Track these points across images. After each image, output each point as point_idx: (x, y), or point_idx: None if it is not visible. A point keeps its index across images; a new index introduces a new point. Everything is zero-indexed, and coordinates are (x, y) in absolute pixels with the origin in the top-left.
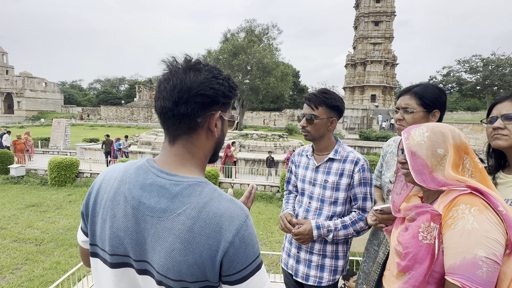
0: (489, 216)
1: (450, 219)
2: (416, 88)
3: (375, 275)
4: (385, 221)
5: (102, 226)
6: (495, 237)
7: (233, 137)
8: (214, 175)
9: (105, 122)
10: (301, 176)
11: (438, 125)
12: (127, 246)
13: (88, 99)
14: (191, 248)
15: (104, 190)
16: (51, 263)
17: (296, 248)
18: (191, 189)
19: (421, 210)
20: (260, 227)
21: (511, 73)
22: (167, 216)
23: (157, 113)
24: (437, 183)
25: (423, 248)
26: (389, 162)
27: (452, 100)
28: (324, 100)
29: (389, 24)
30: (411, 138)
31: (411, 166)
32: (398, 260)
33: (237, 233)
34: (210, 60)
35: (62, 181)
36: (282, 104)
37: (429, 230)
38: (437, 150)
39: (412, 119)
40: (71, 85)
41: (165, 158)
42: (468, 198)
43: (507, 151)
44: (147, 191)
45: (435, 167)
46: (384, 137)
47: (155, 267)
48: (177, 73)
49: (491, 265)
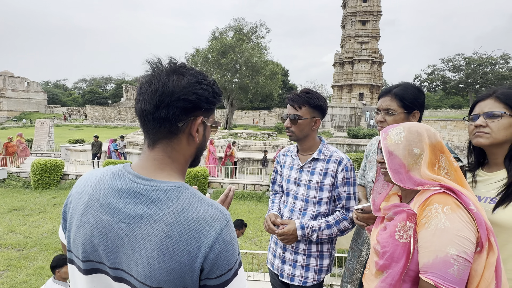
0: (460, 215)
1: (424, 218)
2: (396, 89)
3: (358, 274)
4: (365, 220)
5: (76, 233)
6: (466, 235)
7: (223, 136)
8: (203, 174)
9: (91, 123)
10: (286, 176)
11: (414, 124)
12: (101, 253)
13: (73, 99)
14: (170, 255)
15: (80, 195)
16: (35, 269)
17: (282, 249)
18: (168, 194)
19: (398, 209)
20: (250, 226)
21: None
22: (144, 222)
23: (137, 116)
24: (413, 182)
25: (399, 247)
26: (372, 162)
27: (437, 98)
28: (307, 100)
29: (375, 23)
30: (389, 138)
31: (389, 166)
32: (376, 259)
33: (218, 238)
34: (199, 59)
35: (46, 183)
36: (272, 103)
37: (405, 229)
38: (413, 150)
39: (393, 121)
40: (55, 84)
41: (143, 163)
42: (441, 197)
43: (487, 149)
44: (123, 197)
45: (411, 167)
46: (372, 135)
47: (133, 274)
48: (160, 76)
49: (462, 263)
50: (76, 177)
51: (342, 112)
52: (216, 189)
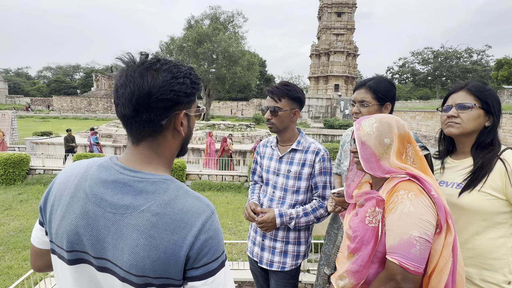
0: (423, 200)
1: (391, 203)
2: (370, 82)
3: (334, 257)
4: (341, 204)
5: (59, 223)
6: (427, 218)
7: (200, 128)
8: (181, 167)
9: (59, 114)
10: (266, 166)
11: (385, 116)
12: (86, 243)
13: (38, 88)
14: (155, 244)
15: (65, 186)
16: (2, 268)
17: (261, 236)
18: (155, 186)
19: (368, 196)
20: (229, 216)
21: (457, 65)
22: (131, 212)
23: (119, 118)
24: (383, 171)
25: (369, 231)
26: (346, 151)
27: (407, 89)
28: (286, 92)
29: (350, 15)
30: (362, 129)
31: (361, 155)
32: (348, 242)
33: (203, 227)
34: (174, 47)
35: (10, 179)
36: (249, 93)
37: (374, 214)
38: (383, 140)
39: (368, 112)
40: (16, 73)
41: (129, 156)
42: (406, 184)
43: (457, 138)
44: (110, 188)
45: (382, 156)
46: (346, 125)
47: (118, 264)
48: (133, 77)
49: (423, 244)
50: (44, 171)
51: (318, 103)
52: (194, 180)
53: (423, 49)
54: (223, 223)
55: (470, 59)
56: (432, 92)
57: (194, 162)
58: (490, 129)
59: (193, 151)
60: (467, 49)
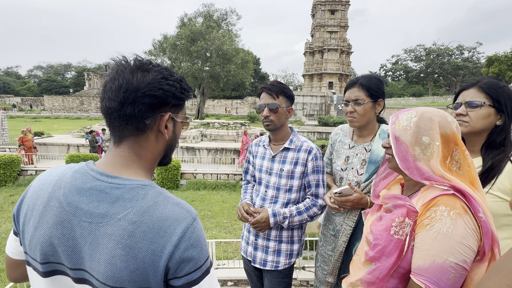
0: (467, 221)
1: (427, 219)
2: (361, 80)
3: (337, 264)
4: (342, 204)
5: (33, 234)
6: (469, 243)
7: (194, 126)
8: (176, 166)
9: (51, 114)
10: (258, 166)
11: (428, 110)
12: (61, 254)
13: (28, 88)
14: (133, 254)
15: (38, 195)
16: None
17: (254, 236)
18: (133, 193)
19: (398, 202)
20: (224, 215)
21: (449, 62)
22: (107, 221)
23: (103, 114)
24: (421, 175)
25: (392, 242)
26: (338, 151)
27: (400, 86)
28: (282, 90)
29: (344, 13)
30: (397, 123)
31: (395, 152)
32: (367, 248)
33: (183, 236)
34: (167, 46)
35: (1, 180)
36: (244, 91)
37: (403, 225)
38: (422, 138)
39: (363, 110)
40: (6, 72)
41: (108, 160)
42: (449, 200)
43: (466, 137)
44: (85, 195)
45: (418, 156)
46: (341, 123)
47: (94, 275)
48: (124, 72)
49: (459, 271)
50: (36, 172)
51: (312, 101)
52: (189, 180)
53: (416, 46)
54: (218, 222)
55: (462, 56)
56: (425, 89)
57: (189, 161)
58: (501, 128)
59: (188, 150)
60: (458, 46)
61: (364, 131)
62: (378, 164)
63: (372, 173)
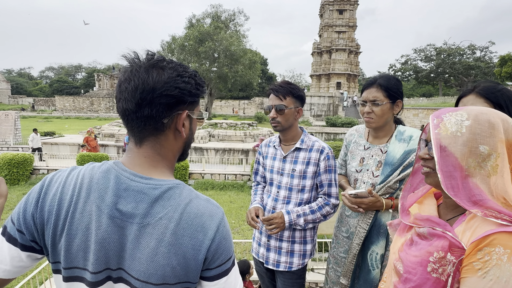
0: None
1: (479, 262)
2: (380, 80)
3: (351, 266)
4: (358, 204)
5: (69, 242)
6: None
7: (202, 127)
8: (184, 166)
9: (62, 114)
10: (269, 166)
11: (483, 110)
12: (110, 259)
13: (40, 88)
14: (175, 251)
15: (64, 200)
16: None
17: (266, 237)
18: (170, 192)
19: (436, 232)
20: (232, 216)
21: (460, 61)
22: (149, 221)
23: (120, 115)
24: (469, 197)
25: (430, 282)
26: (353, 152)
27: (409, 87)
28: (290, 90)
29: (352, 12)
30: (443, 127)
31: (439, 166)
32: (395, 280)
33: (217, 230)
34: (175, 47)
35: (14, 179)
36: (251, 92)
37: (443, 263)
38: (478, 147)
39: (381, 111)
40: (19, 73)
41: (134, 160)
42: (509, 240)
43: None
44: (123, 197)
45: (472, 171)
46: (349, 123)
47: (133, 274)
48: (139, 72)
49: None
50: (48, 171)
51: (320, 101)
52: (197, 180)
53: (426, 46)
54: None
55: (473, 55)
56: (435, 89)
57: (197, 161)
58: None
59: (196, 150)
60: (470, 46)
61: (380, 132)
62: (394, 166)
63: (388, 175)
